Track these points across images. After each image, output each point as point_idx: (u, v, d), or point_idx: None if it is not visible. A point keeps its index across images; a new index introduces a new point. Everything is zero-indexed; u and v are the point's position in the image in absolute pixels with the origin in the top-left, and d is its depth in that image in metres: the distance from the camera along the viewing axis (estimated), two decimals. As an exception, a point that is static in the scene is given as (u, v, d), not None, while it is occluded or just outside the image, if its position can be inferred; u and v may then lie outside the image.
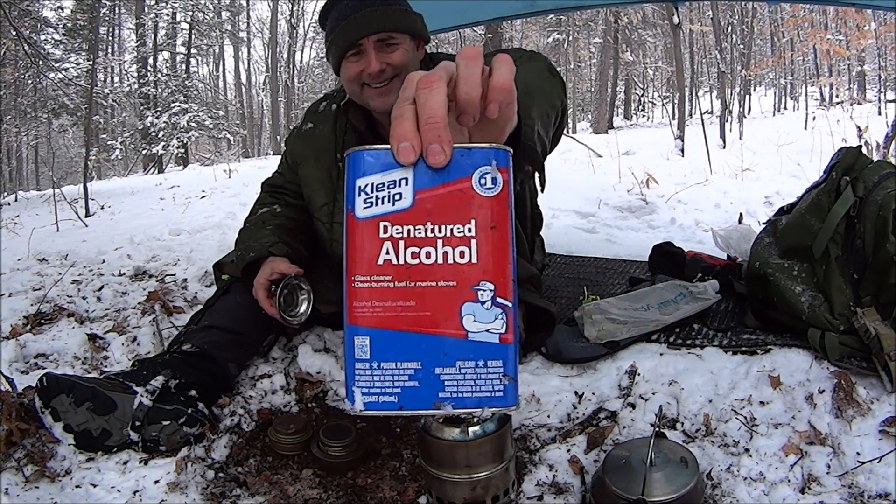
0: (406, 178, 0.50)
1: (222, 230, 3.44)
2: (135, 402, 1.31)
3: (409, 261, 0.50)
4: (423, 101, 0.49)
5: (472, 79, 0.51)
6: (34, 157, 17.52)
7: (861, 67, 17.97)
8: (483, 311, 0.50)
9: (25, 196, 8.07)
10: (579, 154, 6.60)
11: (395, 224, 0.50)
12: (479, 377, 0.50)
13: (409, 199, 0.50)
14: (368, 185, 0.50)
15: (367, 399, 0.50)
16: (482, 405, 0.51)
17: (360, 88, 1.46)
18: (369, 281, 0.50)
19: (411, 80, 0.52)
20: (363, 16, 1.41)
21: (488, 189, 0.51)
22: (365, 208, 0.50)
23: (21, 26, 8.93)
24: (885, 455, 1.13)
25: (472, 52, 0.52)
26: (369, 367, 0.50)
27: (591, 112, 20.78)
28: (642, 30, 19.00)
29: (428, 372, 0.50)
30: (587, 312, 1.59)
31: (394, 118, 0.50)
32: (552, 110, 0.98)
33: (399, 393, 0.50)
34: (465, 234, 0.50)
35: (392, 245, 0.50)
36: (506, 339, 0.51)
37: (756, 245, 1.74)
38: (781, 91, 21.90)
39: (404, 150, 0.49)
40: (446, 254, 0.50)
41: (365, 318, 0.50)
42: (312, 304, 1.50)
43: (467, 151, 0.50)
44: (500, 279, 0.50)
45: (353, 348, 0.50)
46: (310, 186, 1.63)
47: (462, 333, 0.50)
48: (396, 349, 0.50)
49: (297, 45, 22.85)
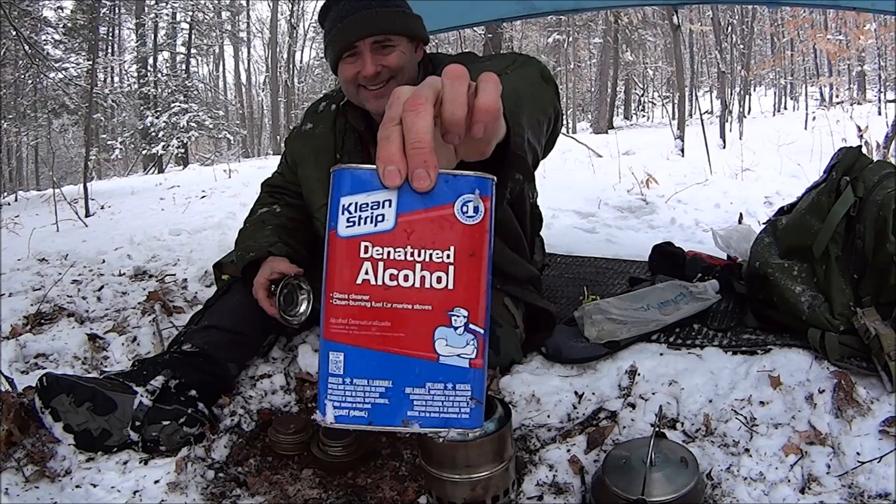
0: (390, 200, 0.51)
1: (222, 230, 3.44)
2: (135, 402, 1.31)
3: (388, 282, 0.51)
4: (410, 124, 0.49)
5: (458, 99, 0.51)
6: (34, 157, 17.51)
7: (861, 67, 17.97)
8: (455, 336, 0.52)
9: (25, 196, 8.07)
10: (579, 154, 6.61)
11: (376, 245, 0.51)
12: (447, 399, 0.52)
13: (391, 221, 0.51)
14: (352, 205, 0.51)
15: (338, 412, 0.52)
16: (448, 426, 0.52)
17: (356, 90, 1.46)
18: (347, 299, 0.51)
19: (398, 98, 0.52)
20: (360, 17, 1.40)
21: (469, 217, 0.52)
22: (347, 227, 0.51)
23: (21, 26, 8.94)
24: (885, 455, 1.13)
25: (457, 71, 0.52)
26: (342, 381, 0.52)
27: (591, 112, 20.78)
28: (642, 30, 19.00)
29: (398, 391, 0.52)
30: (587, 312, 1.59)
31: (380, 139, 0.50)
32: (543, 117, 0.98)
33: (369, 409, 0.52)
34: (444, 260, 0.51)
35: (371, 265, 0.51)
36: (475, 364, 0.52)
37: (756, 245, 1.74)
38: (781, 91, 21.90)
39: (390, 174, 0.49)
40: (424, 278, 0.51)
41: (340, 335, 0.52)
42: (312, 304, 1.50)
43: (451, 178, 0.51)
44: (473, 306, 0.52)
45: (327, 363, 0.52)
46: (309, 187, 1.63)
47: (433, 356, 0.52)
48: (369, 367, 0.52)
49: (297, 45, 22.85)
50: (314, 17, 15.66)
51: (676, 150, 7.08)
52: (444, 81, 0.52)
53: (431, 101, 0.51)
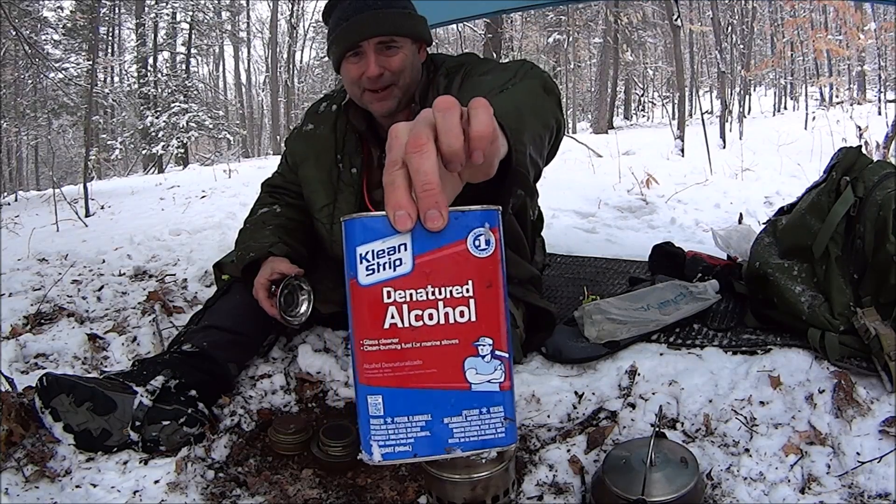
0: (405, 244, 0.52)
1: (222, 230, 3.44)
2: (135, 402, 1.31)
3: (414, 323, 0.53)
4: (417, 166, 0.50)
5: (452, 131, 0.51)
6: (34, 157, 17.52)
7: (861, 67, 17.97)
8: (483, 364, 0.54)
9: (25, 196, 8.07)
10: (579, 154, 6.61)
11: (398, 289, 0.53)
12: (483, 422, 0.55)
13: (408, 264, 0.52)
14: (369, 253, 0.52)
15: (385, 451, 0.54)
16: (487, 446, 0.55)
17: (360, 91, 1.46)
18: (377, 344, 0.53)
19: (397, 139, 0.52)
20: (364, 17, 1.40)
21: (482, 250, 0.53)
22: (367, 275, 0.52)
23: (21, 26, 8.93)
24: (885, 455, 1.13)
25: (446, 102, 0.52)
26: (384, 422, 0.54)
27: (591, 112, 20.77)
28: (642, 30, 19.00)
29: (437, 422, 0.54)
30: (587, 312, 1.59)
31: (386, 185, 0.51)
32: (545, 131, 0.99)
33: (412, 442, 0.54)
34: (464, 295, 0.53)
35: (396, 309, 0.53)
36: (504, 386, 0.55)
37: (756, 245, 1.74)
38: (781, 91, 21.90)
39: (401, 219, 0.50)
40: (447, 314, 0.53)
41: (376, 379, 0.53)
42: (313, 304, 1.50)
43: (461, 214, 0.53)
44: (496, 334, 0.54)
45: (366, 406, 0.54)
46: (310, 187, 1.63)
47: (466, 386, 0.54)
48: (407, 405, 0.54)
49: (297, 45, 22.84)
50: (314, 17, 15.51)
51: (676, 150, 7.08)
52: (435, 115, 0.52)
53: (432, 139, 0.51)
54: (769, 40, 20.59)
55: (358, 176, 1.57)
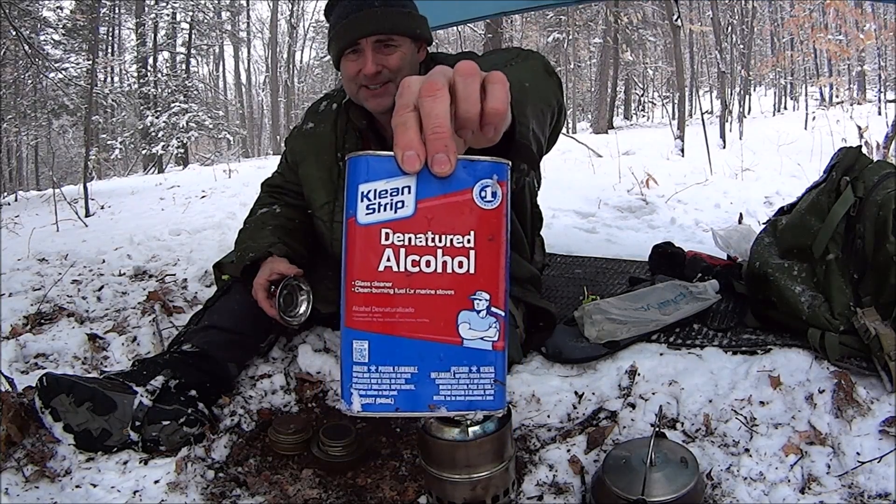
0: (409, 187, 0.51)
1: (222, 230, 3.44)
2: (135, 402, 1.31)
3: (410, 269, 0.51)
4: (428, 109, 0.49)
5: (472, 97, 0.51)
6: (34, 157, 17.50)
7: (861, 67, 17.97)
8: (478, 319, 0.52)
9: (25, 196, 8.07)
10: (579, 154, 6.61)
11: (397, 231, 0.51)
12: (472, 382, 0.53)
13: (410, 207, 0.51)
14: (371, 192, 0.51)
15: (365, 401, 0.52)
16: (473, 408, 0.53)
17: (357, 88, 1.47)
18: (370, 287, 0.51)
19: (409, 86, 0.51)
20: (364, 15, 1.41)
21: (488, 202, 0.52)
22: (367, 214, 0.51)
23: (21, 26, 8.93)
24: (885, 455, 1.13)
25: (469, 68, 0.52)
26: (367, 370, 0.51)
27: (591, 112, 20.77)
28: (642, 30, 18.99)
29: (424, 376, 0.52)
30: (587, 312, 1.59)
31: (397, 125, 0.50)
32: (547, 108, 0.99)
33: (395, 395, 0.52)
34: (465, 245, 0.52)
35: (393, 252, 0.51)
36: (498, 346, 0.53)
37: (756, 245, 1.74)
38: (781, 91, 21.91)
39: (409, 159, 0.49)
40: (445, 263, 0.52)
41: (364, 323, 0.51)
42: (312, 305, 1.50)
43: (469, 164, 0.51)
44: (494, 289, 0.52)
45: (350, 351, 0.51)
46: (310, 186, 1.63)
47: (458, 340, 0.52)
48: (394, 354, 0.51)
49: (297, 45, 22.86)
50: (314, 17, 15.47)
51: (676, 150, 7.08)
52: (456, 78, 0.51)
53: (447, 88, 0.50)
54: (769, 40, 20.59)
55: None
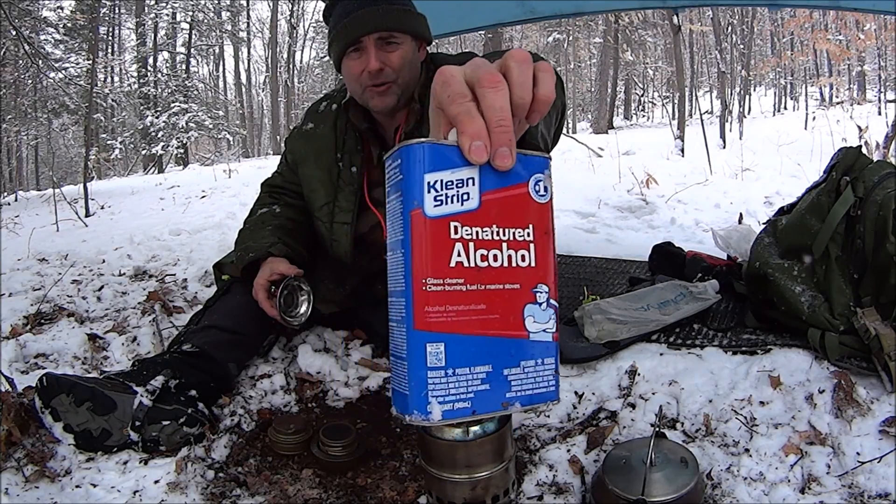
0: (473, 178, 0.49)
1: (222, 230, 3.44)
2: (135, 402, 1.31)
3: (479, 263, 0.50)
4: (491, 101, 0.48)
5: (527, 85, 0.50)
6: (34, 157, 17.49)
7: (861, 67, 17.97)
8: (541, 311, 0.52)
9: (25, 196, 8.07)
10: (579, 154, 6.61)
11: (465, 225, 0.49)
12: (538, 374, 0.52)
13: (476, 199, 0.49)
14: (438, 182, 0.48)
15: (444, 408, 0.49)
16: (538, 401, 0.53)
17: (361, 89, 1.46)
18: (442, 284, 0.48)
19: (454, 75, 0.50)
20: (366, 13, 1.41)
21: (541, 196, 0.52)
22: (436, 206, 0.48)
23: (21, 26, 8.93)
24: (885, 455, 1.12)
25: (524, 55, 0.51)
26: (444, 374, 0.49)
27: (591, 112, 20.77)
28: (642, 30, 19.00)
29: (497, 374, 0.51)
30: (587, 312, 1.59)
31: (459, 113, 0.48)
32: (553, 110, 0.99)
33: (472, 398, 0.50)
34: (525, 238, 0.51)
35: (463, 246, 0.49)
36: (556, 337, 0.53)
37: (756, 245, 1.74)
38: (781, 91, 21.91)
39: (477, 150, 0.47)
40: (510, 256, 0.51)
41: (439, 324, 0.48)
42: (312, 305, 1.50)
43: (524, 158, 0.51)
44: (551, 281, 0.53)
45: (424, 356, 0.48)
46: (310, 186, 1.63)
47: (525, 334, 0.52)
48: (470, 354, 0.49)
49: (297, 45, 22.86)
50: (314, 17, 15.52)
51: (676, 150, 7.08)
52: (510, 64, 0.50)
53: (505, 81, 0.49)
54: (769, 40, 20.59)
55: (358, 174, 1.57)
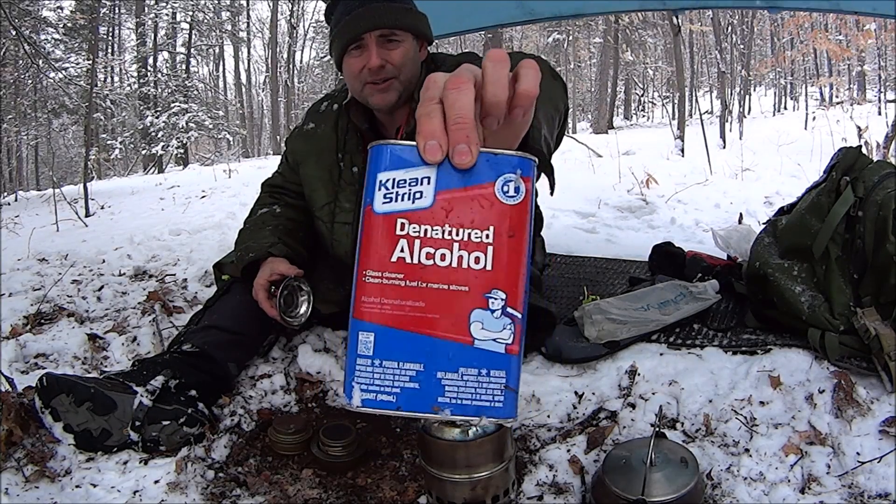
0: (428, 178, 0.49)
1: (222, 230, 3.44)
2: (135, 402, 1.31)
3: (424, 261, 0.49)
4: (452, 100, 0.49)
5: (501, 82, 0.50)
6: (34, 157, 17.48)
7: (861, 67, 17.97)
8: (492, 319, 0.50)
9: (25, 196, 8.06)
10: (579, 154, 6.60)
11: (413, 222, 0.49)
12: (480, 385, 0.50)
13: (429, 198, 0.49)
14: (390, 181, 0.49)
15: (365, 396, 0.49)
16: (480, 414, 0.50)
17: (361, 86, 1.47)
18: (380, 277, 0.49)
19: (435, 81, 0.51)
20: (367, 11, 1.41)
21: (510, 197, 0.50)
22: (384, 203, 0.49)
23: (21, 26, 8.93)
24: (885, 455, 1.13)
25: (500, 55, 0.51)
26: (371, 363, 0.49)
27: (591, 112, 20.77)
28: (642, 30, 19.00)
29: (430, 375, 0.49)
30: (587, 312, 1.59)
31: (421, 116, 0.50)
32: (556, 113, 0.99)
33: (398, 393, 0.49)
34: (483, 240, 0.50)
35: (408, 243, 0.49)
36: (511, 350, 0.50)
37: (756, 245, 1.74)
38: (781, 91, 21.90)
39: (431, 148, 0.48)
40: (461, 258, 0.50)
41: (371, 314, 0.49)
42: (312, 305, 1.50)
43: (493, 157, 0.50)
44: (512, 289, 0.50)
45: (356, 342, 0.50)
46: (311, 186, 1.63)
47: (468, 340, 0.50)
48: (400, 348, 0.49)
49: (297, 45, 22.86)
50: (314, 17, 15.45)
51: (676, 150, 7.08)
52: (486, 64, 0.51)
53: (472, 82, 0.50)
54: (769, 40, 20.59)
55: (359, 174, 1.57)
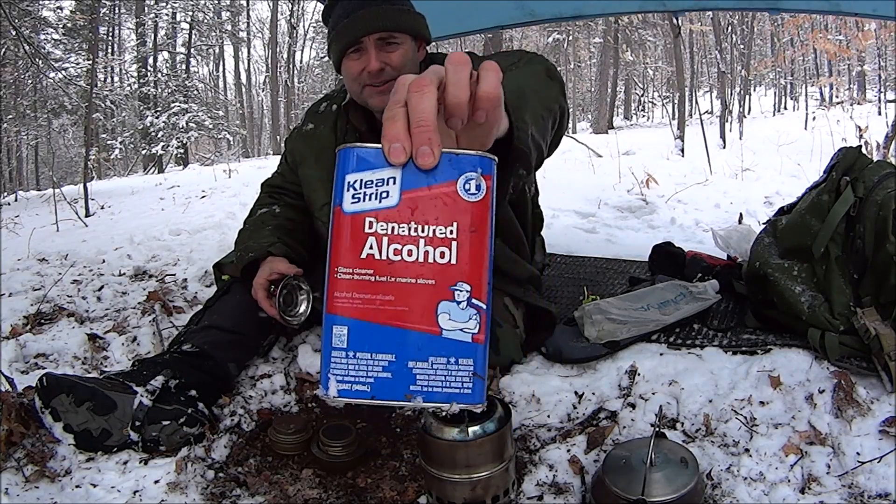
0: (394, 178, 0.52)
1: (222, 230, 3.44)
2: (135, 402, 1.31)
3: (392, 257, 0.52)
4: (415, 104, 0.51)
5: (460, 83, 0.53)
6: (34, 157, 17.48)
7: (861, 67, 17.96)
8: (458, 310, 0.53)
9: (25, 196, 8.06)
10: (579, 154, 6.60)
11: (381, 220, 0.52)
12: (449, 373, 0.53)
13: (395, 197, 0.52)
14: (357, 182, 0.52)
15: (341, 386, 0.52)
16: (451, 400, 0.53)
17: (360, 88, 1.47)
18: (351, 273, 0.52)
19: (402, 83, 0.53)
20: (366, 14, 1.41)
21: (472, 194, 0.53)
22: (352, 203, 0.52)
23: (21, 26, 8.93)
24: (885, 455, 1.13)
25: (460, 57, 0.54)
26: (345, 355, 0.52)
27: (591, 112, 20.78)
28: (642, 30, 19.00)
29: (401, 365, 0.52)
30: (587, 312, 1.59)
31: (385, 119, 0.52)
32: (548, 113, 0.98)
33: (372, 383, 0.52)
34: (447, 236, 0.53)
35: (376, 240, 0.52)
36: (478, 339, 0.53)
37: (756, 245, 1.74)
38: (781, 91, 21.91)
39: (395, 151, 0.51)
40: (427, 253, 0.52)
41: (344, 309, 0.52)
42: (312, 304, 1.50)
43: (454, 157, 0.53)
44: (476, 281, 0.53)
45: (330, 336, 0.52)
46: (310, 186, 1.63)
47: (436, 330, 0.52)
48: (372, 340, 0.52)
49: (297, 45, 22.86)
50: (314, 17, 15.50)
51: (676, 150, 7.08)
52: (447, 67, 0.53)
53: (435, 84, 0.52)
54: (769, 40, 20.58)
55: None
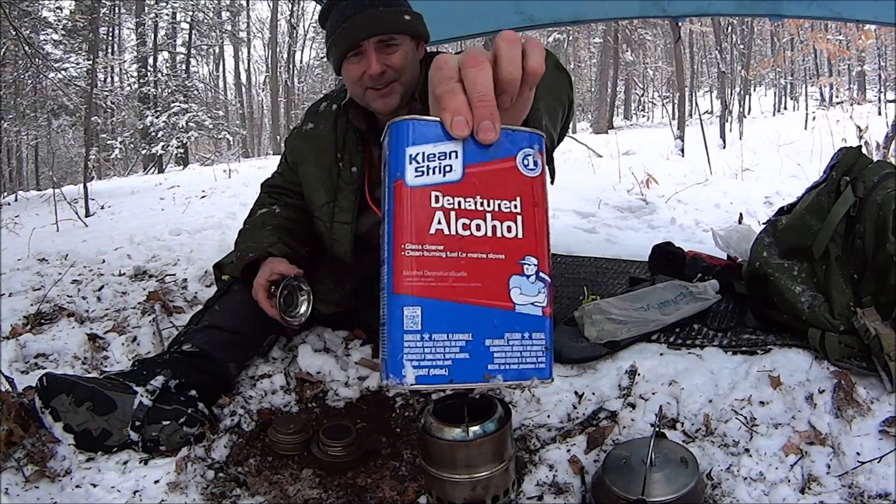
0: (456, 152, 0.51)
1: (222, 230, 3.45)
2: (135, 402, 1.31)
3: (461, 232, 0.51)
4: (473, 78, 0.50)
5: (515, 60, 0.52)
6: (34, 157, 17.47)
7: (861, 67, 17.97)
8: (528, 284, 0.52)
9: (25, 196, 8.06)
10: (579, 154, 6.61)
11: (447, 195, 0.51)
12: (525, 349, 0.52)
13: (459, 171, 0.51)
14: (420, 154, 0.51)
15: (419, 372, 0.49)
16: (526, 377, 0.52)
17: (362, 91, 1.47)
18: (421, 250, 0.50)
19: (446, 61, 0.52)
20: (364, 17, 1.41)
21: (530, 170, 0.53)
22: (416, 177, 0.51)
23: (21, 26, 8.93)
24: (885, 455, 1.12)
25: (512, 35, 0.53)
26: (420, 338, 0.49)
27: (591, 112, 20.78)
28: (642, 29, 19.01)
29: (478, 343, 0.51)
30: (587, 312, 1.59)
31: (443, 93, 0.51)
32: (559, 104, 0.99)
33: (450, 365, 0.50)
34: (512, 210, 0.52)
35: (444, 215, 0.51)
36: (547, 312, 0.53)
37: (756, 245, 1.74)
38: (781, 91, 21.92)
39: (458, 124, 0.50)
40: (495, 227, 0.52)
41: (416, 288, 0.50)
42: (312, 305, 1.50)
43: (511, 133, 0.53)
44: (542, 254, 0.53)
45: (401, 319, 0.49)
46: (310, 186, 1.64)
47: (510, 305, 0.51)
48: (449, 320, 0.50)
49: (297, 45, 22.86)
50: (314, 17, 15.61)
51: (676, 150, 7.09)
52: (499, 44, 0.52)
53: (490, 60, 0.52)
54: (769, 40, 20.58)
55: (358, 174, 1.57)
